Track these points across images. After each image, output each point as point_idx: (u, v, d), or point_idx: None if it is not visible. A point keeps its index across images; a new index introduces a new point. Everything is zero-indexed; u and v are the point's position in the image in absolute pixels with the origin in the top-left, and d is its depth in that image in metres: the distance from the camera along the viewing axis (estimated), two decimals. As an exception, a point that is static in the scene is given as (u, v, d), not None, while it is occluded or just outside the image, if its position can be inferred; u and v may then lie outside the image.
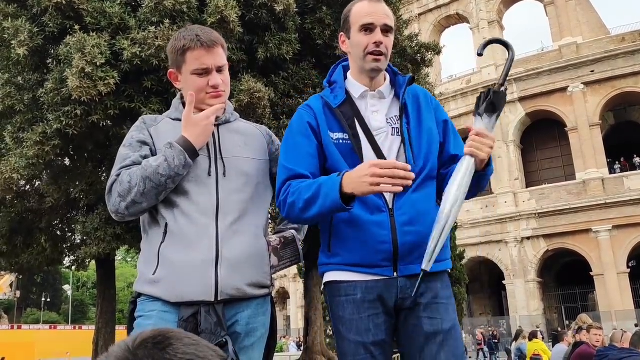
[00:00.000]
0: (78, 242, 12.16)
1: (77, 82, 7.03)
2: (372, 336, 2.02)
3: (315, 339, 14.40)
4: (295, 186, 2.01)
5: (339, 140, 2.09)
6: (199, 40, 2.05)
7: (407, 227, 2.01)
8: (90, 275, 55.66)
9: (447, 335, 2.03)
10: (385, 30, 2.11)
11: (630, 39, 29.13)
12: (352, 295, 2.06)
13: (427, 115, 2.18)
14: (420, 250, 1.98)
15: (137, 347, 0.68)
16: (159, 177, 1.93)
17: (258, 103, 7.82)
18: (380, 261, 2.02)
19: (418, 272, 1.96)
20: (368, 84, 2.17)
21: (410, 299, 2.04)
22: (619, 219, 27.07)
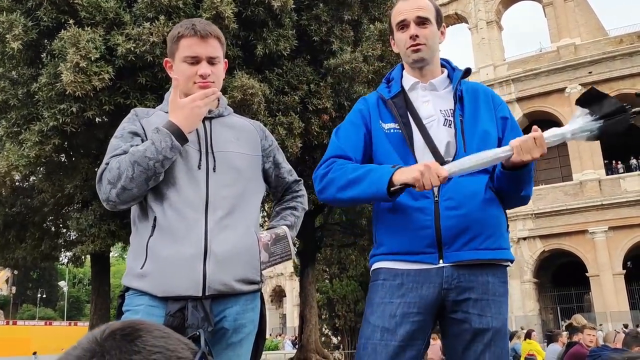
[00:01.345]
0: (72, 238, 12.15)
1: (72, 77, 7.02)
2: (394, 324, 1.95)
3: (310, 337, 14.42)
4: (341, 164, 2.07)
5: (390, 130, 2.13)
6: (194, 28, 2.06)
7: (451, 212, 1.97)
8: (86, 272, 55.63)
9: (496, 335, 1.95)
10: (420, 22, 2.14)
11: (628, 41, 29.20)
12: (390, 280, 2.02)
13: (484, 111, 2.16)
14: (468, 234, 1.94)
15: (105, 339, 0.67)
16: (147, 161, 1.91)
17: (251, 99, 7.82)
18: (424, 247, 1.98)
19: (467, 258, 1.93)
20: (419, 76, 2.20)
21: (457, 290, 1.96)
22: (615, 220, 27.15)
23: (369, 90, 10.57)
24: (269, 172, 2.29)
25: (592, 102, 1.91)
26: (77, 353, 0.66)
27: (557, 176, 31.42)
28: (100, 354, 0.64)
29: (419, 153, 2.06)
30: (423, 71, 2.19)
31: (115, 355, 0.64)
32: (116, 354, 0.64)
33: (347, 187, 1.99)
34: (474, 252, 1.96)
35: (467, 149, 2.03)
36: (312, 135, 9.83)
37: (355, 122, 2.20)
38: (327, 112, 9.86)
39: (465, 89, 2.19)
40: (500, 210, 2.06)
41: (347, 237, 17.82)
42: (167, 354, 0.66)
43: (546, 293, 31.33)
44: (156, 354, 0.65)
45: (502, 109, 2.21)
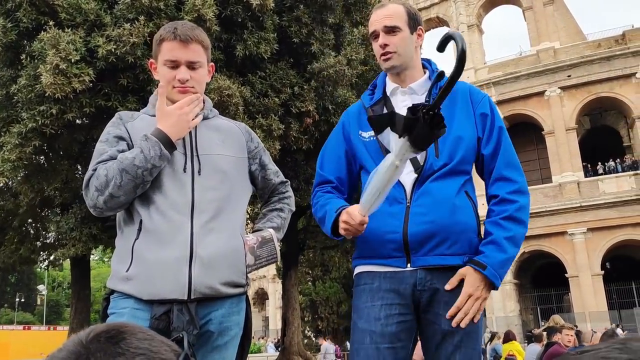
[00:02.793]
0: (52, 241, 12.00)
1: (51, 79, 6.94)
2: (380, 326, 1.99)
3: (292, 339, 14.40)
4: (317, 199, 2.26)
5: (369, 138, 2.17)
6: (174, 32, 2.05)
7: (420, 217, 2.00)
8: (65, 275, 54.89)
9: (466, 337, 1.98)
10: (388, 31, 2.15)
11: (605, 45, 29.66)
12: (369, 283, 2.07)
13: (461, 114, 2.14)
14: (434, 240, 1.97)
15: (90, 341, 0.67)
16: (135, 169, 1.91)
17: (228, 101, 7.80)
18: (392, 252, 2.02)
19: (434, 263, 1.97)
20: (398, 81, 2.23)
21: (429, 291, 1.99)
22: (593, 221, 27.52)
23: (353, 94, 10.61)
24: (255, 174, 2.29)
25: (385, 126, 1.88)
26: (63, 355, 0.66)
27: (536, 178, 31.78)
28: (85, 356, 0.65)
29: None
30: (401, 76, 2.22)
31: (100, 357, 0.65)
32: (101, 356, 0.65)
33: (321, 224, 2.20)
34: (440, 258, 2.00)
35: (439, 155, 2.07)
36: (290, 139, 9.83)
37: (337, 138, 2.31)
38: (310, 115, 9.87)
39: None
40: (471, 215, 2.06)
41: (330, 239, 17.84)
42: (150, 355, 0.67)
43: (526, 294, 31.65)
44: (140, 355, 0.66)
45: (483, 106, 2.18)
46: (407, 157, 1.81)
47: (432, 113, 1.72)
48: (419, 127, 1.73)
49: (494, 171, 2.11)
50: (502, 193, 2.07)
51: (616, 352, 0.51)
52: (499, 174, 2.10)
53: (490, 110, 2.18)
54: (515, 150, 2.16)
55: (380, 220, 2.04)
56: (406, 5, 2.23)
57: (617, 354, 0.51)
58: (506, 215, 2.03)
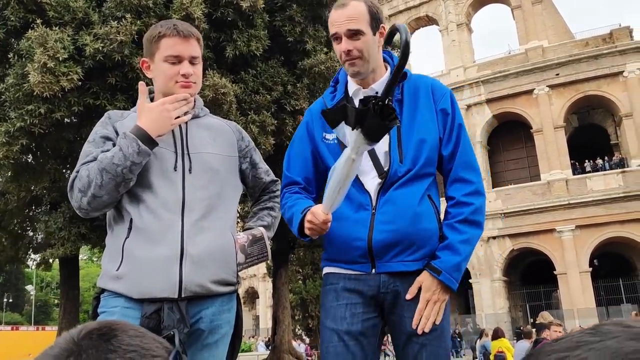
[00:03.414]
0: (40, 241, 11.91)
1: (39, 77, 6.88)
2: (346, 324, 2.03)
3: (282, 337, 14.40)
4: (285, 200, 2.22)
5: (331, 141, 2.15)
6: (176, 28, 2.06)
7: (384, 225, 2.02)
8: (54, 275, 54.51)
9: (431, 336, 2.01)
10: (352, 35, 2.05)
11: (593, 44, 29.88)
12: (335, 284, 2.11)
13: (424, 112, 2.12)
14: (397, 248, 2.01)
15: (82, 338, 0.68)
16: (114, 168, 1.90)
17: (223, 99, 7.79)
18: (357, 257, 2.05)
19: (396, 269, 2.01)
20: (361, 82, 2.17)
21: (392, 293, 2.03)
22: (581, 219, 27.73)
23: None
24: (245, 173, 2.30)
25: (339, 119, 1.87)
26: (55, 352, 0.67)
27: (525, 176, 31.98)
28: (77, 353, 0.65)
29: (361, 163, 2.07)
30: (363, 78, 2.16)
31: (91, 354, 0.65)
32: (93, 353, 0.65)
33: (290, 225, 2.16)
34: (403, 264, 2.03)
35: (403, 160, 2.06)
36: (285, 135, 9.83)
37: (302, 138, 2.26)
38: (303, 112, 9.87)
39: (406, 89, 2.15)
40: (433, 221, 2.08)
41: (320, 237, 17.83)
42: (142, 352, 0.67)
43: (515, 291, 31.84)
44: (131, 352, 0.66)
45: (444, 102, 2.14)
46: (363, 150, 1.83)
47: (382, 104, 1.73)
48: (370, 118, 1.74)
49: (451, 172, 2.11)
50: (458, 195, 2.08)
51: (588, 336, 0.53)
52: (456, 175, 2.10)
53: (452, 107, 2.15)
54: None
55: (347, 226, 2.06)
56: (367, 2, 2.11)
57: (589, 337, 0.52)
58: (461, 219, 2.05)
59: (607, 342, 0.51)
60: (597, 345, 0.51)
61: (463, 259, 2.02)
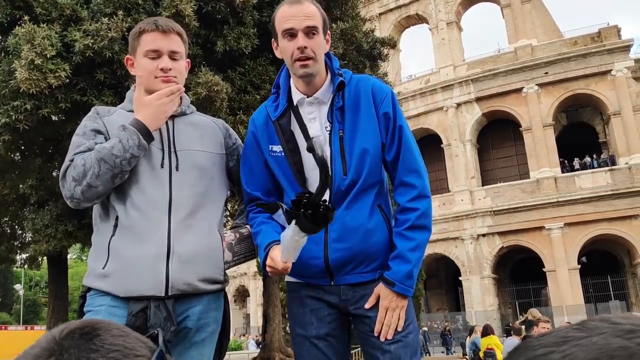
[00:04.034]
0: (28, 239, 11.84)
1: (26, 74, 6.81)
2: (314, 330, 2.10)
3: (273, 336, 14.40)
4: (250, 221, 2.18)
5: (276, 153, 2.11)
6: (155, 23, 2.06)
7: (336, 244, 2.05)
8: (43, 274, 54.15)
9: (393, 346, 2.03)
10: (308, 32, 2.00)
11: (582, 43, 30.09)
12: (297, 292, 2.17)
13: (365, 119, 2.06)
14: (352, 264, 2.06)
15: (63, 338, 0.67)
16: (113, 158, 1.89)
17: (216, 96, 7.75)
18: (315, 273, 2.10)
19: (354, 281, 2.07)
20: (305, 89, 2.09)
21: (352, 300, 2.09)
22: (570, 216, 27.96)
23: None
24: (233, 171, 2.28)
25: (275, 211, 2.02)
26: (36, 352, 0.66)
27: (514, 174, 32.18)
28: (59, 353, 0.64)
29: (310, 174, 2.07)
30: (310, 84, 2.08)
31: (73, 353, 0.64)
32: (75, 353, 0.64)
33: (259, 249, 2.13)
34: (359, 276, 2.08)
35: (347, 172, 2.04)
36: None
37: (252, 150, 2.18)
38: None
39: (347, 94, 2.08)
40: (385, 233, 2.09)
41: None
42: (125, 352, 0.67)
43: (505, 288, 32.06)
44: (114, 352, 0.66)
45: (385, 105, 2.07)
46: (304, 237, 1.80)
47: (313, 209, 1.70)
48: (301, 221, 1.73)
49: (396, 177, 2.09)
50: (403, 201, 2.07)
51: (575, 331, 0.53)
52: (400, 180, 2.08)
53: (393, 109, 2.08)
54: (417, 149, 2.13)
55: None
56: (317, 5, 2.08)
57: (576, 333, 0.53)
58: (408, 226, 2.05)
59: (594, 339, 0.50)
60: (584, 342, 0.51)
61: (414, 266, 2.04)
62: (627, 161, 27.98)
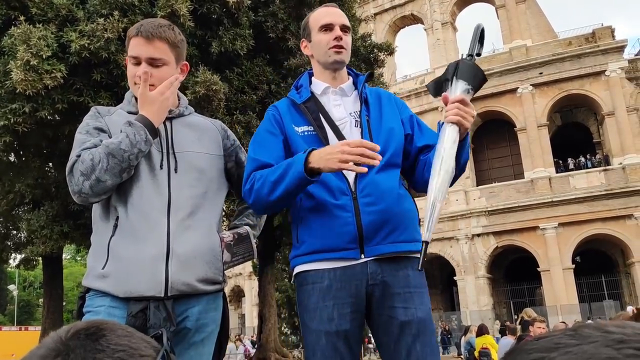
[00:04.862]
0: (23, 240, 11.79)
1: (22, 75, 6.79)
2: (335, 325, 2.02)
3: (269, 336, 14.39)
4: (260, 173, 2.07)
5: (304, 132, 2.18)
6: (139, 29, 2.05)
7: (370, 207, 2.05)
8: (37, 275, 53.86)
9: (422, 325, 2.03)
10: (343, 29, 2.26)
11: (576, 43, 30.17)
12: (319, 282, 2.07)
13: (389, 110, 2.28)
14: (387, 228, 2.03)
15: (69, 338, 0.68)
16: (121, 153, 1.90)
17: (214, 95, 7.76)
18: (346, 244, 2.04)
19: (386, 251, 2.02)
20: (330, 81, 2.29)
21: (381, 285, 2.03)
22: (564, 216, 28.01)
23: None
24: (231, 172, 2.29)
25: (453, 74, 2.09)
26: (42, 352, 0.67)
27: (509, 174, 32.23)
28: (65, 353, 0.65)
29: None
30: (335, 74, 2.30)
31: (79, 354, 0.65)
32: (80, 353, 0.65)
33: (274, 189, 2.01)
34: (393, 245, 2.05)
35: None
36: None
37: (270, 129, 2.23)
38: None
39: (369, 92, 2.32)
40: (412, 204, 2.18)
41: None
42: (130, 352, 0.67)
43: (499, 288, 32.10)
44: (120, 352, 0.67)
45: (405, 109, 2.37)
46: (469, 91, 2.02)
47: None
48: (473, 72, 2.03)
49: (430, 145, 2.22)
50: None
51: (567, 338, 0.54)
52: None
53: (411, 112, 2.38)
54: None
55: (330, 213, 2.06)
56: None
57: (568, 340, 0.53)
58: None
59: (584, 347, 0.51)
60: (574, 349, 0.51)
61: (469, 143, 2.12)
62: (621, 161, 28.06)
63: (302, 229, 2.13)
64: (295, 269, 2.17)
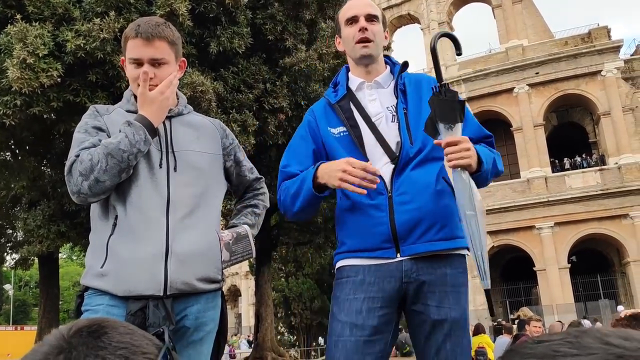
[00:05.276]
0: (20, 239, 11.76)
1: (18, 73, 6.77)
2: (361, 319, 2.00)
3: (265, 335, 14.39)
4: (286, 184, 2.17)
5: (340, 134, 2.18)
6: (137, 30, 2.03)
7: (405, 206, 2.02)
8: (33, 274, 53.72)
9: (455, 325, 2.01)
10: (370, 18, 2.19)
11: (572, 43, 30.26)
12: (353, 276, 2.08)
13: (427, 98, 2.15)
14: (422, 226, 2.00)
15: (72, 336, 0.68)
16: (120, 153, 1.90)
17: (202, 97, 7.73)
18: (380, 243, 2.03)
19: (423, 250, 2.00)
20: (364, 75, 2.24)
21: (416, 282, 2.01)
22: (560, 216, 28.09)
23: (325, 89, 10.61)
24: (230, 171, 2.29)
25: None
26: (45, 350, 0.67)
27: (505, 174, 32.21)
28: (67, 350, 0.65)
29: (370, 151, 2.12)
30: (368, 68, 2.24)
31: (82, 351, 0.65)
32: (83, 350, 0.65)
33: (294, 201, 2.12)
34: (429, 244, 2.02)
35: (413, 142, 2.10)
36: (268, 134, 9.81)
37: (304, 136, 2.27)
38: (283, 111, 9.86)
39: (408, 81, 2.23)
40: (452, 199, 2.08)
41: (303, 235, 17.80)
42: (132, 349, 0.67)
43: (495, 287, 32.14)
44: (122, 349, 0.67)
45: None
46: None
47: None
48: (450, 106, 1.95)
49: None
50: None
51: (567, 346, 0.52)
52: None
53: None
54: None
55: (364, 213, 2.06)
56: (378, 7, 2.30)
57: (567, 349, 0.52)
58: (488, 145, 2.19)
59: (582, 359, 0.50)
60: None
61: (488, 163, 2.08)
62: (617, 161, 28.15)
63: (341, 229, 2.17)
64: (336, 264, 2.20)
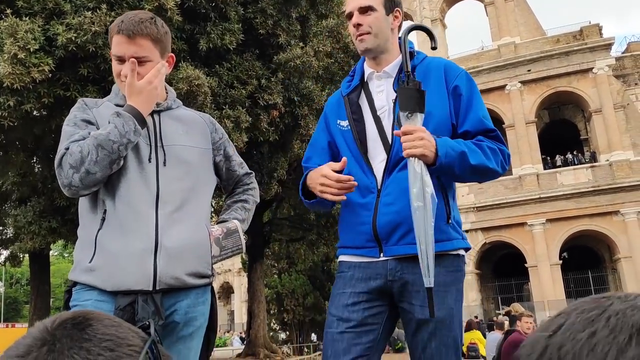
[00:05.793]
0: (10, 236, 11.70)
1: (9, 69, 6.73)
2: (347, 312, 2.04)
3: (258, 332, 14.40)
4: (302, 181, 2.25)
5: (343, 127, 2.19)
6: (120, 26, 2.00)
7: (387, 207, 2.02)
8: (24, 271, 53.45)
9: (440, 325, 1.99)
10: (363, 10, 2.11)
11: (564, 41, 30.38)
12: (345, 272, 2.13)
13: (434, 89, 2.09)
14: (401, 230, 1.99)
15: (55, 328, 0.67)
16: (110, 144, 1.88)
17: (198, 91, 7.71)
18: (365, 242, 2.07)
19: (402, 253, 2.00)
20: (374, 66, 2.21)
21: (400, 282, 2.02)
22: (552, 212, 28.25)
23: (318, 86, 10.62)
24: (219, 165, 2.28)
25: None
26: (28, 342, 0.66)
27: (498, 171, 32.41)
28: (51, 342, 0.64)
29: (372, 145, 2.11)
30: (377, 60, 2.20)
31: (66, 343, 0.64)
32: (67, 342, 0.64)
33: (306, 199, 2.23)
34: (409, 247, 1.98)
35: None
36: (260, 131, 9.78)
37: (322, 128, 2.31)
38: (277, 107, 9.84)
39: (418, 70, 2.14)
40: (440, 204, 1.98)
41: (296, 231, 17.81)
42: (117, 341, 0.67)
43: (487, 283, 32.32)
44: (107, 341, 0.66)
45: (459, 80, 2.15)
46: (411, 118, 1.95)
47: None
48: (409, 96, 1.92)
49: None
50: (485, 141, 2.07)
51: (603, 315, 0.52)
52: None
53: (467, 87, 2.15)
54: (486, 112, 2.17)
55: (354, 211, 2.10)
56: None
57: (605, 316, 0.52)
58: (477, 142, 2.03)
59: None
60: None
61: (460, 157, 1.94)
62: (608, 158, 28.32)
63: (339, 224, 2.23)
64: (337, 258, 2.26)
